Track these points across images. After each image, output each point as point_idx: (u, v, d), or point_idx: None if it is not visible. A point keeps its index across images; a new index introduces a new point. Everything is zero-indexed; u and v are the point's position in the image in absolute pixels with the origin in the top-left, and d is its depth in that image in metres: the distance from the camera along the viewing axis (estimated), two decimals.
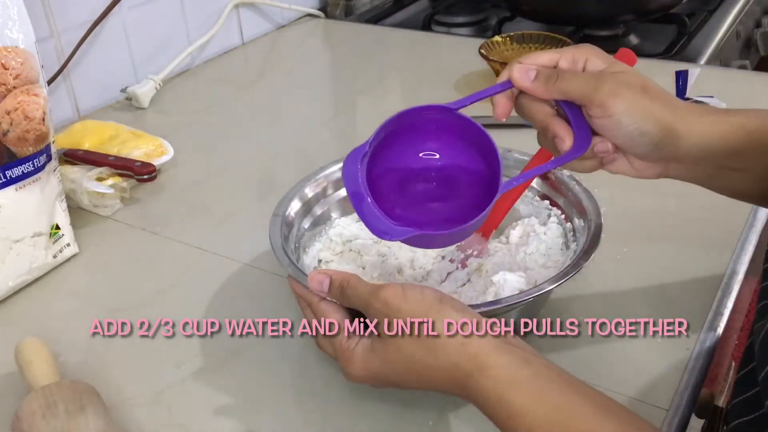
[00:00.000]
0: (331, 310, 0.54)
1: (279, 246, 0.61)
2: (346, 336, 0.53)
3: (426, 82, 1.14)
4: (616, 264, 0.70)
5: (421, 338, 0.49)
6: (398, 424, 0.56)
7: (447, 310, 0.49)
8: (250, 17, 1.31)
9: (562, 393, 0.45)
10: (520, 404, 0.45)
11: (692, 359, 0.60)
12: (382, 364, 0.51)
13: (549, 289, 0.56)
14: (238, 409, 0.58)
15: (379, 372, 0.51)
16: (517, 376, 0.46)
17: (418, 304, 0.50)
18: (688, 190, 0.81)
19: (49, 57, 0.99)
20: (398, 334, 0.49)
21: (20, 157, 0.68)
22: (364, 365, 0.52)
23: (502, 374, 0.46)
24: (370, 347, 0.52)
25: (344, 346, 0.53)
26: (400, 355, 0.50)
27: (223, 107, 1.10)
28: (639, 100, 0.53)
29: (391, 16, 1.47)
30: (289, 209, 0.66)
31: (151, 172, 0.83)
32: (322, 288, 0.54)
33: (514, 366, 0.46)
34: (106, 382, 0.59)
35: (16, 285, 0.71)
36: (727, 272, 0.68)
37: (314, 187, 0.70)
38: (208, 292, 0.70)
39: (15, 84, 0.67)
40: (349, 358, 0.52)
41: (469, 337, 0.48)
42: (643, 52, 1.21)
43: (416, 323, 0.49)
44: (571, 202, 0.67)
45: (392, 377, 0.51)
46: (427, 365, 0.49)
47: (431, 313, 0.49)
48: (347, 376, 0.53)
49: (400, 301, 0.50)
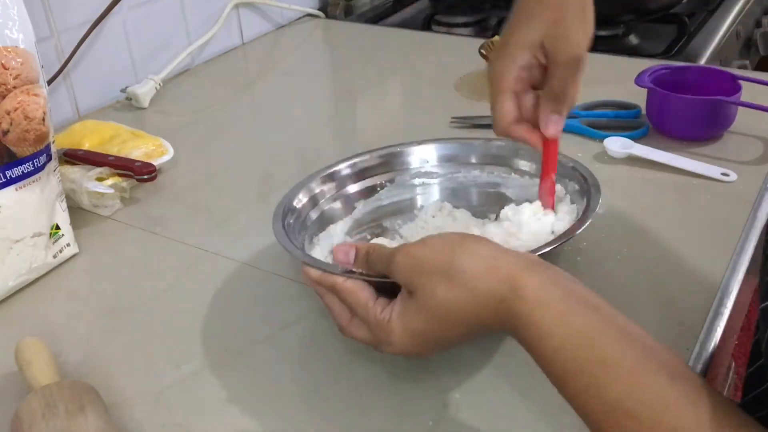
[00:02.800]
0: (358, 288, 0.53)
1: (285, 238, 0.61)
2: (380, 309, 0.52)
3: (426, 82, 1.14)
4: (616, 264, 0.70)
5: (450, 277, 0.48)
6: (398, 424, 0.56)
7: (469, 243, 0.49)
8: (250, 17, 1.31)
9: (588, 315, 0.45)
10: (547, 325, 0.45)
11: (692, 359, 0.60)
12: (421, 318, 0.50)
13: (567, 239, 0.57)
14: (239, 409, 0.58)
15: (421, 328, 0.50)
16: (546, 296, 0.46)
17: (440, 246, 0.50)
18: (688, 189, 0.81)
19: (49, 57, 0.99)
20: (428, 282, 0.49)
21: (20, 157, 0.68)
22: (404, 328, 0.51)
23: (531, 295, 0.46)
24: (404, 308, 0.51)
25: (379, 318, 0.52)
26: (435, 302, 0.49)
27: (223, 107, 1.10)
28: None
29: (391, 16, 1.47)
30: (296, 201, 0.67)
31: (151, 172, 0.83)
32: (348, 258, 0.54)
33: (544, 286, 0.46)
34: (106, 382, 0.59)
35: (16, 285, 0.71)
36: (727, 272, 0.68)
37: (320, 182, 0.70)
38: (208, 292, 0.70)
39: (15, 84, 0.67)
40: (386, 327, 0.51)
41: (497, 260, 0.48)
42: (643, 52, 1.21)
43: (443, 264, 0.48)
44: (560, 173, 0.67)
45: (434, 329, 0.50)
46: (464, 301, 0.48)
47: (455, 250, 0.49)
48: (390, 347, 0.52)
49: (421, 250, 0.50)
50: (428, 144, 0.75)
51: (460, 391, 0.58)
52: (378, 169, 0.74)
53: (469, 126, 0.96)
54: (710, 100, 0.87)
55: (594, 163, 0.87)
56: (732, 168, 0.83)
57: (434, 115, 1.00)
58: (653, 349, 0.44)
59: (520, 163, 0.73)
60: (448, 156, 0.75)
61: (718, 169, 0.83)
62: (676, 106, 0.88)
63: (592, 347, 0.44)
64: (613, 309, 0.46)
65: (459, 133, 0.95)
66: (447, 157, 0.75)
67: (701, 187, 0.81)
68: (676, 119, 0.89)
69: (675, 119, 0.90)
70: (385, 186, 0.74)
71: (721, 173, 0.82)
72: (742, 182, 0.81)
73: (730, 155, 0.86)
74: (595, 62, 1.13)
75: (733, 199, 0.79)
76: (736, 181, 0.81)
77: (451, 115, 0.98)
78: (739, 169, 0.82)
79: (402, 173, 0.75)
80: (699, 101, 0.88)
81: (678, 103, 0.88)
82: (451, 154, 0.75)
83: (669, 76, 0.93)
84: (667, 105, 0.89)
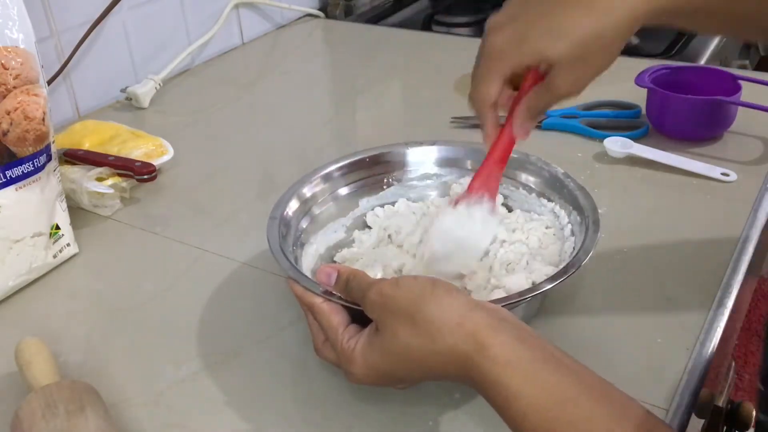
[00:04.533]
0: (333, 311, 0.54)
1: (278, 249, 0.61)
2: (347, 337, 0.53)
3: (426, 82, 1.14)
4: (616, 264, 0.70)
5: (416, 324, 0.48)
6: (398, 424, 0.56)
7: (440, 293, 0.49)
8: (250, 17, 1.31)
9: (556, 374, 0.45)
10: (516, 386, 0.44)
11: (692, 359, 0.60)
12: (382, 356, 0.50)
13: (547, 288, 0.56)
14: (238, 409, 0.58)
15: (381, 366, 0.51)
16: (512, 355, 0.46)
17: (411, 289, 0.50)
18: (688, 189, 0.81)
19: (49, 57, 0.99)
20: (393, 323, 0.49)
21: (20, 157, 0.68)
22: (364, 362, 0.51)
23: (498, 354, 0.46)
24: (369, 342, 0.51)
25: (344, 347, 0.53)
26: (398, 345, 0.49)
27: (223, 107, 1.10)
28: None
29: (391, 16, 1.47)
30: (287, 209, 0.67)
31: (151, 172, 0.83)
32: (329, 280, 0.54)
33: (509, 345, 0.46)
34: (106, 382, 0.59)
35: (16, 285, 0.71)
36: (727, 272, 0.68)
37: (312, 186, 0.70)
38: (208, 292, 0.70)
39: (15, 84, 0.67)
40: (349, 357, 0.52)
41: (463, 316, 0.48)
42: (643, 52, 1.21)
43: (410, 308, 0.49)
44: (566, 199, 0.67)
45: (394, 370, 0.51)
46: (426, 351, 0.48)
47: (424, 297, 0.49)
48: (350, 376, 0.53)
49: (393, 290, 0.50)
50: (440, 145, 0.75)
51: (460, 391, 0.58)
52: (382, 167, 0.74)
53: (469, 126, 0.96)
54: (710, 100, 0.87)
55: (594, 163, 0.87)
56: (732, 168, 0.83)
57: (434, 115, 1.00)
58: (625, 406, 0.44)
59: (522, 176, 0.72)
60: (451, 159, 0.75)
61: (718, 169, 0.83)
62: (676, 106, 0.88)
63: (563, 408, 0.43)
64: (582, 365, 0.46)
65: (459, 133, 0.95)
66: (447, 161, 0.75)
67: (701, 187, 0.81)
68: (676, 119, 0.89)
69: (675, 119, 0.90)
70: (392, 184, 0.74)
71: (721, 173, 0.82)
72: (742, 182, 0.81)
73: (730, 155, 0.86)
74: None
75: (733, 199, 0.79)
76: (736, 181, 0.81)
77: (451, 116, 0.98)
78: (739, 169, 0.82)
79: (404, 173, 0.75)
80: (699, 101, 0.88)
81: (678, 103, 0.88)
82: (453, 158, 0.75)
83: (669, 76, 0.93)
84: (667, 105, 0.89)
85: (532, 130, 0.60)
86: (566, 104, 0.99)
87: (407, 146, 0.74)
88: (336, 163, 0.73)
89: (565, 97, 0.56)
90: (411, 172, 0.74)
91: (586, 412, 0.43)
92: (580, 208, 0.65)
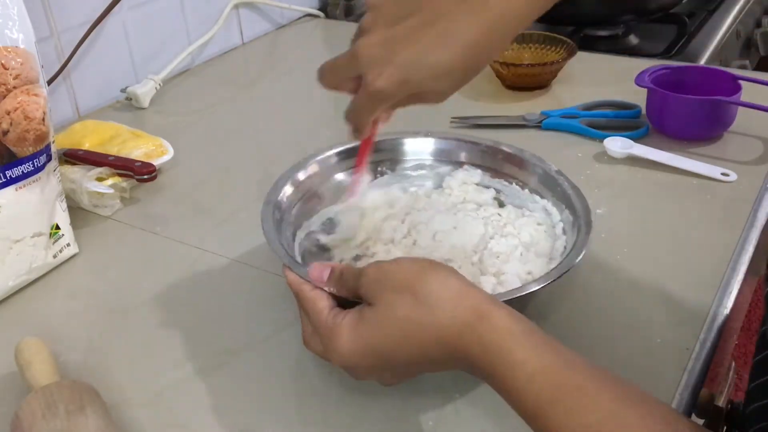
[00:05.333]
0: (319, 297, 0.53)
1: (274, 238, 0.61)
2: (332, 315, 0.51)
3: None
4: (616, 264, 0.70)
5: (416, 294, 0.48)
6: (398, 425, 0.56)
7: (440, 269, 0.49)
8: (250, 17, 1.31)
9: (559, 348, 0.45)
10: (521, 352, 0.44)
11: (692, 359, 0.60)
12: (374, 329, 0.49)
13: (534, 289, 0.56)
14: (238, 409, 0.58)
15: (371, 342, 0.49)
16: (514, 325, 0.46)
17: (410, 266, 0.49)
18: (688, 189, 0.81)
19: (49, 57, 0.99)
20: (391, 296, 0.48)
21: (20, 157, 0.68)
22: (353, 336, 0.49)
23: (500, 324, 0.45)
24: (359, 316, 0.50)
25: (329, 323, 0.51)
26: (393, 316, 0.48)
27: (223, 107, 1.10)
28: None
29: None
30: (281, 194, 0.67)
31: (151, 172, 0.83)
32: (321, 277, 0.54)
33: (510, 317, 0.46)
34: (106, 382, 0.59)
35: (16, 285, 0.71)
36: (727, 272, 0.68)
37: (306, 171, 0.70)
38: (208, 292, 0.70)
39: (15, 84, 0.67)
40: (334, 332, 0.50)
41: (463, 291, 0.48)
42: (643, 52, 1.21)
43: (410, 280, 0.48)
44: (559, 197, 0.67)
45: (386, 346, 0.48)
46: (425, 324, 0.47)
47: (425, 272, 0.49)
48: (333, 354, 0.50)
49: (392, 265, 0.50)
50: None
51: (459, 391, 0.58)
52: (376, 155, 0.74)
53: (469, 126, 0.96)
54: (710, 100, 0.87)
55: (594, 163, 0.87)
56: (732, 168, 0.83)
57: (434, 115, 1.00)
58: (625, 383, 0.44)
59: (515, 172, 0.72)
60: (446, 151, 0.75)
61: (718, 169, 0.83)
62: (676, 106, 0.88)
63: (568, 375, 0.43)
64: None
65: (459, 133, 0.95)
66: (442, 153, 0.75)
67: (701, 187, 0.81)
68: (676, 119, 0.89)
69: (675, 119, 0.90)
70: (386, 173, 0.75)
71: (721, 173, 0.82)
72: (742, 182, 0.81)
73: (730, 155, 0.86)
74: (595, 62, 1.14)
75: (733, 199, 0.79)
76: (736, 181, 0.81)
77: (451, 116, 0.98)
78: (739, 169, 0.82)
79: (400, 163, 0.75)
80: (699, 101, 0.88)
81: (678, 103, 0.88)
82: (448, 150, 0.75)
83: (669, 76, 0.93)
84: (667, 105, 0.89)
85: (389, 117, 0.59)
86: (566, 104, 0.99)
87: (403, 136, 0.75)
88: (331, 149, 0.73)
89: None
90: (405, 162, 0.75)
91: (593, 383, 0.43)
92: (573, 207, 0.65)
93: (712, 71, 0.94)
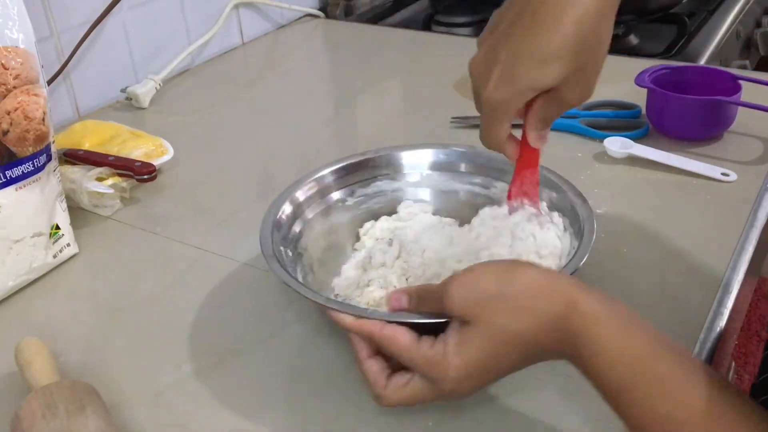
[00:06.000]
0: (399, 333, 0.50)
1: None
2: (427, 346, 0.49)
3: (426, 82, 1.14)
4: (616, 264, 0.70)
5: (507, 300, 0.47)
6: (398, 425, 0.56)
7: (520, 268, 0.49)
8: (250, 17, 1.31)
9: (640, 332, 0.46)
10: (605, 341, 0.45)
11: None
12: (482, 347, 0.48)
13: None
14: (238, 409, 0.58)
15: (481, 358, 0.48)
16: (603, 311, 0.46)
17: (491, 272, 0.49)
18: (688, 189, 0.81)
19: (49, 57, 0.99)
20: (485, 309, 0.48)
21: (20, 157, 0.68)
22: (462, 360, 0.48)
23: (588, 310, 0.46)
24: (461, 338, 0.48)
25: (430, 355, 0.49)
26: (497, 328, 0.47)
27: (223, 107, 1.10)
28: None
29: (391, 16, 1.47)
30: (281, 211, 0.67)
31: (151, 172, 0.83)
32: (401, 304, 0.53)
33: (597, 301, 0.46)
34: (106, 382, 0.59)
35: (16, 285, 0.71)
36: (727, 272, 0.68)
37: (306, 190, 0.70)
38: (207, 292, 0.70)
39: (15, 84, 0.67)
40: (442, 362, 0.48)
41: (552, 281, 0.48)
42: (643, 52, 1.21)
43: (498, 287, 0.48)
44: (563, 203, 0.67)
45: (492, 358, 0.48)
46: (526, 325, 0.47)
47: (508, 275, 0.48)
48: (446, 384, 0.49)
49: (472, 277, 0.49)
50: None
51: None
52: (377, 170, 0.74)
53: (469, 126, 0.96)
54: (710, 100, 0.87)
55: (594, 163, 0.87)
56: (732, 168, 0.83)
57: (434, 115, 1.00)
58: (696, 363, 0.45)
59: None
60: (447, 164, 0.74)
61: (718, 169, 0.83)
62: (676, 106, 0.88)
63: (646, 363, 0.44)
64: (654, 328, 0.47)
65: (459, 133, 0.95)
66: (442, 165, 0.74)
67: (701, 187, 0.81)
68: (676, 119, 0.90)
69: (675, 119, 0.90)
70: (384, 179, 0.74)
71: (721, 173, 0.82)
72: (742, 182, 0.81)
73: (730, 155, 0.86)
74: None
75: (733, 199, 0.79)
76: (736, 181, 0.81)
77: (451, 115, 0.98)
78: (739, 169, 0.82)
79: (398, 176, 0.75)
80: (699, 101, 0.88)
81: (678, 103, 0.88)
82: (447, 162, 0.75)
83: (669, 76, 0.93)
84: (667, 105, 0.89)
85: (548, 135, 0.59)
86: None
87: (401, 149, 0.74)
88: (329, 167, 0.72)
89: (578, 104, 0.54)
90: (405, 176, 0.74)
91: (668, 368, 0.44)
92: (576, 214, 0.64)
93: (712, 71, 0.94)
